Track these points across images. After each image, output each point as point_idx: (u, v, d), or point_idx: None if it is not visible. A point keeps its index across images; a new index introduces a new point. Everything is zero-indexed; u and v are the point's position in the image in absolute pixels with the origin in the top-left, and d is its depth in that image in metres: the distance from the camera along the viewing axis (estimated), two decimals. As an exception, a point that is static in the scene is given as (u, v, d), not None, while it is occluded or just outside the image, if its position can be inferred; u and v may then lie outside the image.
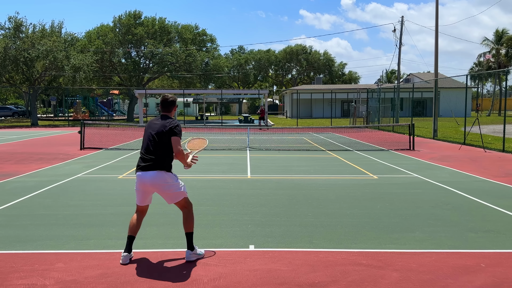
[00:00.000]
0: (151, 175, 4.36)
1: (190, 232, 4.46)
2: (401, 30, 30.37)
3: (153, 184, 4.38)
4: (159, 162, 4.38)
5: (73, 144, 17.15)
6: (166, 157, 4.43)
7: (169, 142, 4.40)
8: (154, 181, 4.36)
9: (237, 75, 72.46)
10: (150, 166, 4.37)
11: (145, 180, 4.38)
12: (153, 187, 4.42)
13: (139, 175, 4.42)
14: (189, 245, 4.44)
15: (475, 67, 65.00)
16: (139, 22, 43.91)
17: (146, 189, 4.46)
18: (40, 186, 8.39)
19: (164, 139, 4.39)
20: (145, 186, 4.42)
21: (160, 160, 4.39)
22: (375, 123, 29.81)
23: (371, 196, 7.52)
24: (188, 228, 4.47)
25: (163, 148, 4.41)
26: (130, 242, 4.46)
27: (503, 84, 60.41)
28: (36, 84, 37.11)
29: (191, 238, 4.46)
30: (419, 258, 4.51)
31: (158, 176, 4.36)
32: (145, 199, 4.54)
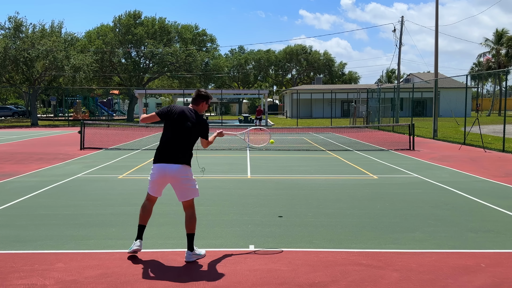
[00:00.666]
0: (175, 167, 4.35)
1: (192, 233, 4.46)
2: (401, 30, 30.39)
3: (175, 176, 4.36)
4: (185, 156, 4.41)
5: (73, 144, 17.15)
6: (191, 151, 4.48)
7: (196, 139, 4.49)
8: (177, 174, 4.35)
9: (237, 75, 72.47)
10: (175, 159, 4.36)
11: (168, 172, 4.35)
12: (173, 180, 4.39)
13: (162, 166, 4.37)
14: (189, 246, 4.44)
15: (475, 67, 65.02)
16: (139, 22, 43.93)
17: (165, 181, 4.45)
18: (40, 186, 8.38)
19: (194, 134, 4.45)
20: (165, 178, 4.40)
21: (186, 154, 4.42)
22: (375, 123, 29.81)
23: (371, 196, 7.52)
24: (191, 229, 4.46)
25: (191, 143, 4.46)
26: (142, 231, 4.55)
27: (503, 84, 60.42)
28: (36, 84, 37.11)
29: (192, 239, 4.46)
30: (419, 258, 4.51)
31: (181, 169, 4.36)
32: (160, 190, 4.54)
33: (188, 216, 4.49)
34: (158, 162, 4.41)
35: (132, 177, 9.54)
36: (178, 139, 4.41)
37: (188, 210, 4.50)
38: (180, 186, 4.41)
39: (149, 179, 4.51)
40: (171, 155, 4.37)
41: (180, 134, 4.41)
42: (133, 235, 5.28)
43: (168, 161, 4.36)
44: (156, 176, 4.42)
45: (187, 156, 4.42)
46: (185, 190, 4.41)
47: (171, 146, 4.40)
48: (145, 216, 4.58)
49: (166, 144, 4.44)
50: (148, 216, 4.59)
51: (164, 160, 4.37)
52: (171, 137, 4.43)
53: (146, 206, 4.59)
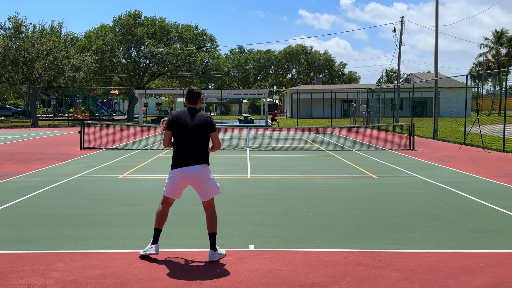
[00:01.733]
0: (196, 169, 4.39)
1: (214, 233, 4.49)
2: (401, 30, 30.38)
3: (196, 178, 4.40)
4: (203, 156, 4.45)
5: (73, 144, 17.15)
6: (206, 150, 4.51)
7: (207, 136, 4.49)
8: (198, 175, 4.39)
9: (237, 75, 72.46)
10: (194, 160, 4.39)
11: (189, 174, 4.38)
12: (195, 181, 4.43)
13: (183, 170, 4.39)
14: (212, 245, 4.46)
15: (475, 67, 65.02)
16: (139, 22, 43.95)
17: (185, 184, 4.48)
18: (40, 186, 8.38)
19: (203, 132, 4.45)
20: (185, 181, 4.43)
21: (203, 154, 4.46)
22: (375, 123, 29.81)
23: (371, 196, 7.52)
24: (213, 228, 4.49)
25: (204, 141, 4.48)
26: (158, 235, 4.54)
27: (503, 84, 60.43)
28: (36, 84, 37.11)
29: (214, 239, 4.48)
30: (419, 258, 4.51)
31: (202, 169, 4.42)
32: (179, 193, 4.55)
33: (209, 215, 4.52)
34: (178, 166, 4.43)
35: (132, 177, 9.54)
36: (192, 140, 4.42)
37: (209, 210, 4.53)
38: (202, 187, 4.45)
39: (168, 182, 4.51)
40: (190, 157, 4.40)
41: (191, 135, 4.41)
42: (133, 235, 5.29)
43: (188, 163, 4.39)
44: (176, 180, 4.44)
45: (204, 156, 4.47)
46: (207, 190, 4.46)
47: (187, 149, 4.42)
48: (162, 219, 4.56)
49: (182, 148, 4.44)
50: (164, 220, 4.59)
51: (184, 163, 4.40)
52: (184, 141, 4.43)
53: (164, 209, 4.58)
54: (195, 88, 4.65)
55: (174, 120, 4.49)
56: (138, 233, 5.36)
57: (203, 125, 4.45)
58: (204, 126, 4.46)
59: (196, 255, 4.61)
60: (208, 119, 4.51)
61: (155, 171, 10.30)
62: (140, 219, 5.99)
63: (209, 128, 4.49)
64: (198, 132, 4.43)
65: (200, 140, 4.44)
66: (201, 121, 4.47)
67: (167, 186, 4.52)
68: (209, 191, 4.48)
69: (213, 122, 4.54)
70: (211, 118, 4.55)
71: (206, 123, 4.47)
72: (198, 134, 4.43)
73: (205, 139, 4.49)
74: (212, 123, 4.53)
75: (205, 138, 4.50)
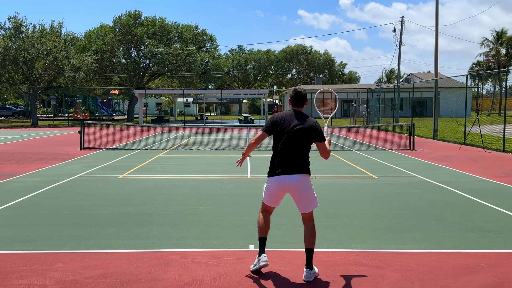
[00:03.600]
0: (297, 178, 4.03)
1: (312, 249, 4.05)
2: (401, 30, 30.38)
3: (295, 187, 4.04)
4: (305, 164, 4.09)
5: (73, 144, 17.15)
6: (308, 159, 4.16)
7: (310, 144, 4.12)
8: (298, 184, 4.03)
9: (237, 75, 72.45)
10: (295, 169, 4.04)
11: (287, 183, 4.03)
12: (293, 191, 4.07)
13: (281, 179, 4.04)
14: (309, 263, 4.02)
15: (475, 67, 65.02)
16: (139, 22, 43.94)
17: (283, 193, 4.14)
18: (40, 186, 8.38)
19: (309, 140, 4.08)
20: (283, 189, 4.08)
21: (306, 162, 4.11)
22: (375, 123, 29.80)
23: (371, 196, 7.51)
24: (312, 244, 4.05)
25: (307, 149, 4.13)
26: (264, 244, 4.16)
27: (503, 84, 60.43)
28: (36, 84, 37.12)
29: (312, 255, 4.04)
30: (419, 258, 4.51)
31: (303, 179, 4.04)
32: (278, 201, 4.22)
33: (310, 228, 4.11)
34: (276, 174, 4.07)
35: (132, 177, 9.54)
36: (294, 147, 4.07)
37: (309, 222, 4.14)
38: (301, 197, 4.07)
39: (265, 191, 4.20)
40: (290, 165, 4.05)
41: (294, 141, 4.06)
42: (133, 235, 5.29)
43: (287, 172, 4.04)
44: (274, 189, 4.10)
45: (306, 164, 4.12)
46: (306, 200, 4.09)
47: (288, 156, 4.07)
48: (266, 228, 4.19)
49: (282, 155, 4.09)
50: (268, 228, 4.22)
51: (282, 171, 4.05)
52: (285, 146, 4.08)
53: (265, 217, 4.23)
54: (302, 90, 4.21)
55: (276, 122, 4.13)
56: (138, 233, 5.36)
57: (311, 133, 4.07)
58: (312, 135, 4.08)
59: (196, 255, 4.60)
60: (317, 125, 4.12)
61: (155, 171, 10.30)
62: (140, 219, 5.99)
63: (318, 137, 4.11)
64: (306, 139, 4.06)
65: (305, 147, 4.09)
66: (311, 127, 4.06)
67: (265, 195, 4.21)
68: (308, 202, 4.09)
69: (320, 131, 4.14)
70: (319, 125, 4.17)
71: (315, 131, 4.09)
72: (305, 140, 4.06)
73: (309, 147, 4.13)
74: (321, 131, 4.14)
75: (310, 146, 4.13)
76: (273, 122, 4.16)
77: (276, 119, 4.15)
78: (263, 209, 4.28)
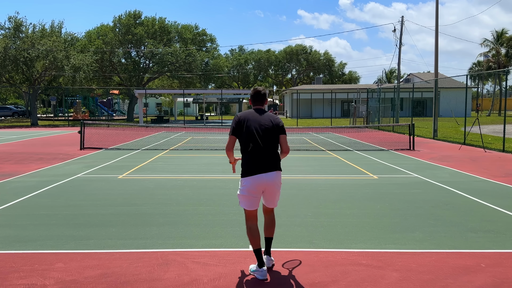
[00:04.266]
0: (273, 175, 4.06)
1: (272, 238, 4.29)
2: (401, 30, 30.37)
3: (272, 185, 4.07)
4: (277, 161, 4.14)
5: (73, 144, 17.15)
6: (278, 154, 4.20)
7: (278, 139, 4.16)
8: (275, 181, 4.08)
9: (237, 75, 72.46)
10: (271, 166, 4.07)
11: (265, 181, 4.03)
12: (269, 188, 4.08)
13: (260, 177, 4.02)
14: (267, 250, 4.29)
15: (475, 67, 65.03)
16: (139, 22, 43.93)
17: (260, 192, 4.11)
18: (40, 186, 8.38)
19: (275, 136, 4.13)
20: (262, 188, 4.07)
21: (277, 158, 4.15)
22: (375, 123, 29.80)
23: (371, 196, 7.52)
24: (271, 233, 4.27)
25: (276, 145, 4.17)
26: (261, 254, 4.07)
27: (503, 84, 60.43)
28: (36, 84, 37.11)
29: (271, 244, 4.31)
30: (419, 258, 4.51)
31: (278, 176, 4.11)
32: (257, 202, 4.15)
33: (271, 219, 4.27)
34: (253, 174, 4.03)
35: (132, 177, 9.54)
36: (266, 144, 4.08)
37: (270, 214, 4.28)
38: (274, 194, 4.15)
39: (242, 194, 4.10)
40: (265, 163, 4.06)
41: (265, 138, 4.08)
42: (133, 235, 5.29)
43: (264, 169, 4.04)
44: (252, 188, 4.05)
45: (278, 160, 4.16)
46: (276, 196, 4.20)
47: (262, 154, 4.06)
48: (257, 237, 4.07)
49: (255, 154, 4.06)
50: (259, 237, 4.10)
51: (259, 169, 4.03)
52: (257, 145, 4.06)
53: (253, 227, 4.12)
54: (262, 88, 4.35)
55: (240, 122, 4.16)
56: (138, 233, 5.36)
57: (275, 128, 4.13)
58: (276, 129, 4.13)
59: (196, 255, 4.60)
60: (278, 120, 4.21)
61: (155, 171, 10.30)
62: (140, 219, 5.99)
63: (280, 130, 4.17)
64: (273, 134, 4.12)
65: (274, 143, 4.13)
66: (273, 122, 4.15)
67: (242, 199, 4.13)
68: (276, 198, 4.22)
69: (283, 125, 4.22)
70: (280, 120, 4.26)
71: (278, 125, 4.16)
72: (272, 136, 4.11)
73: (277, 143, 4.17)
74: (282, 125, 4.21)
75: (277, 141, 4.17)
76: (237, 123, 4.18)
77: (239, 120, 4.18)
78: (247, 218, 4.17)
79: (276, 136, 4.14)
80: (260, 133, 4.08)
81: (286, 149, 4.20)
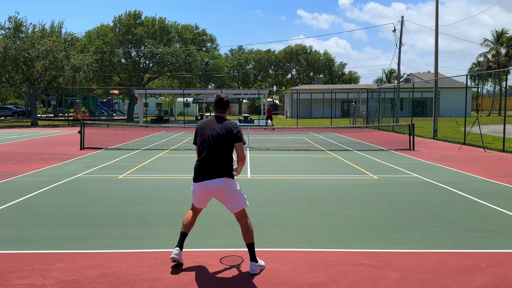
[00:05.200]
0: (217, 182, 4.12)
1: (251, 243, 4.18)
2: (401, 30, 30.37)
3: (219, 191, 4.15)
4: (226, 168, 4.17)
5: (73, 144, 17.15)
6: (230, 162, 4.22)
7: (232, 147, 4.21)
8: (220, 188, 4.13)
9: (237, 75, 72.46)
10: (217, 173, 4.13)
11: (210, 188, 4.13)
12: (218, 194, 4.18)
13: (205, 185, 4.14)
14: (252, 256, 4.17)
15: (475, 67, 65.03)
16: (139, 22, 43.92)
17: (208, 197, 4.25)
18: (40, 186, 8.38)
19: (228, 143, 4.18)
20: (207, 194, 4.20)
21: (227, 165, 4.18)
22: (375, 123, 29.81)
23: (371, 196, 7.52)
24: (249, 239, 4.18)
25: (228, 153, 4.20)
26: (183, 239, 4.31)
27: (503, 84, 60.44)
28: (36, 84, 37.12)
29: (253, 249, 4.18)
30: (419, 258, 4.51)
31: (224, 183, 4.14)
32: (205, 203, 4.35)
33: (244, 226, 4.21)
34: (200, 180, 4.18)
35: (132, 177, 9.54)
36: (214, 151, 4.16)
37: (242, 220, 4.23)
38: (226, 200, 4.19)
39: (192, 194, 4.34)
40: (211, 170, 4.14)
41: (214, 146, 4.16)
42: (133, 235, 5.29)
43: (207, 177, 4.14)
44: (198, 193, 4.23)
45: (226, 168, 4.18)
46: (232, 202, 4.19)
47: (210, 161, 4.16)
48: (190, 225, 4.35)
49: (204, 160, 4.19)
50: (191, 225, 4.37)
51: (203, 177, 4.15)
52: (207, 151, 4.18)
53: (192, 215, 4.39)
54: (224, 96, 4.39)
55: (198, 130, 4.31)
56: (138, 233, 5.36)
57: (229, 135, 4.17)
58: (230, 136, 4.17)
59: (196, 255, 4.61)
60: (235, 127, 4.22)
61: (155, 171, 10.30)
62: (140, 219, 5.99)
63: (235, 137, 4.19)
64: (224, 142, 4.16)
65: (224, 151, 4.17)
66: (228, 129, 4.19)
67: (192, 195, 4.36)
68: (233, 204, 4.19)
69: (239, 133, 4.23)
70: (239, 127, 4.27)
71: (232, 132, 4.19)
72: (223, 143, 4.16)
73: (230, 150, 4.20)
74: (239, 133, 4.22)
75: (231, 149, 4.21)
76: (196, 131, 4.35)
77: (198, 127, 4.34)
78: (193, 207, 4.44)
79: (228, 143, 4.18)
80: (211, 141, 4.18)
81: (241, 156, 4.21)
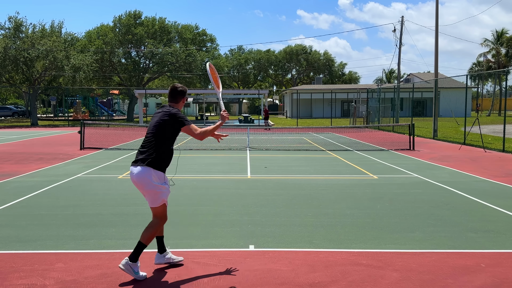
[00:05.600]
0: (136, 170, 3.96)
1: (144, 244, 3.95)
2: (401, 30, 30.37)
3: (136, 179, 3.97)
4: (148, 155, 3.96)
5: (73, 144, 17.15)
6: (158, 151, 3.97)
7: (170, 134, 4.03)
8: (135, 175, 3.96)
9: (237, 75, 72.44)
10: (137, 160, 3.99)
11: (132, 175, 4.00)
12: (136, 183, 4.00)
13: (130, 170, 4.05)
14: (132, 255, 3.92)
15: (475, 67, 65.03)
16: (139, 22, 43.94)
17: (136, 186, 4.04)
18: (40, 186, 8.38)
19: (161, 130, 4.01)
20: (133, 182, 4.05)
21: (150, 153, 3.96)
22: (375, 123, 29.81)
23: (371, 196, 7.52)
24: (142, 237, 3.96)
25: (160, 141, 3.99)
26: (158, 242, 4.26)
27: (503, 84, 60.44)
28: (36, 84, 37.12)
29: (141, 250, 3.94)
30: (419, 258, 4.51)
31: (144, 171, 3.91)
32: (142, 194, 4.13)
33: (149, 223, 4.07)
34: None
35: (132, 177, 9.53)
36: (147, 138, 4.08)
37: (152, 219, 4.10)
38: (144, 192, 4.02)
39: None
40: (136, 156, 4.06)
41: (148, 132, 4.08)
42: (133, 235, 5.29)
43: (133, 162, 4.04)
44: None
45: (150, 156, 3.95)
46: (149, 196, 4.02)
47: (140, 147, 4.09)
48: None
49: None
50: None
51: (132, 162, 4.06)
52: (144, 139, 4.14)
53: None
54: (179, 86, 4.21)
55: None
56: (138, 233, 5.34)
57: (166, 122, 3.99)
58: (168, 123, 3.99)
59: (196, 255, 4.60)
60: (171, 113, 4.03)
61: (155, 171, 10.29)
62: (140, 219, 5.99)
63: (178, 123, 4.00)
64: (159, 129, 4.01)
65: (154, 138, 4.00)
66: (165, 116, 4.02)
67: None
68: (149, 197, 4.00)
69: (179, 117, 4.00)
70: (175, 111, 4.06)
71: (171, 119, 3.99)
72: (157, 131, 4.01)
73: (162, 138, 4.00)
74: (178, 117, 4.00)
75: (164, 137, 4.00)
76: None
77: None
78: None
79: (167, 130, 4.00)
80: (149, 128, 4.11)
81: (197, 137, 4.07)
